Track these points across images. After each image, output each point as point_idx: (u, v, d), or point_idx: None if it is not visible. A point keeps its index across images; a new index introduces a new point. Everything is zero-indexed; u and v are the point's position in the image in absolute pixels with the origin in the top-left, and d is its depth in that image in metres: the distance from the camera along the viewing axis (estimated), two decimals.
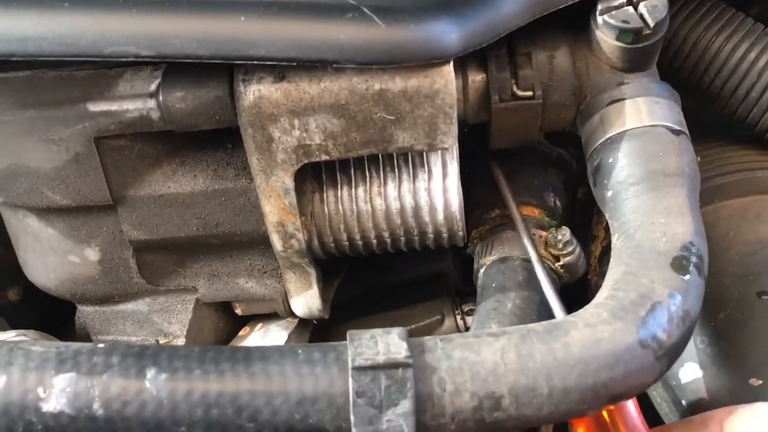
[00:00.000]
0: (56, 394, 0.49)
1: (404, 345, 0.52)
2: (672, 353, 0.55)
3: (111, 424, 0.50)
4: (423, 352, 0.53)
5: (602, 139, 0.66)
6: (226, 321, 0.81)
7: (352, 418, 0.50)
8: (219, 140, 0.71)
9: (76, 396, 0.50)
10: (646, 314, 0.54)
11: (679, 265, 0.57)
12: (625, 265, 0.58)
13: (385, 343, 0.53)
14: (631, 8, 0.66)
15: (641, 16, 0.65)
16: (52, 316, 0.89)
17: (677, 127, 0.65)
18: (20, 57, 0.59)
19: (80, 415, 0.49)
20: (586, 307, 0.57)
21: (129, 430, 0.50)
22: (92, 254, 0.75)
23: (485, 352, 0.53)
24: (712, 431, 0.58)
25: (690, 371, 0.69)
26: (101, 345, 0.53)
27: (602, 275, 0.83)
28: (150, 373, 0.51)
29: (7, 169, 0.70)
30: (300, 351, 0.53)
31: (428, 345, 0.53)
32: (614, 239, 0.62)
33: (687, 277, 0.57)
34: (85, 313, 0.80)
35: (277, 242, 0.71)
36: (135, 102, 0.66)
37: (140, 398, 0.50)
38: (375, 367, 0.51)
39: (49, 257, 0.76)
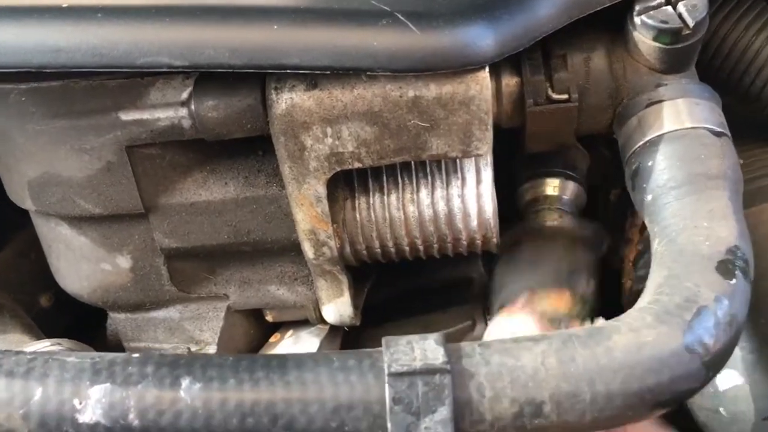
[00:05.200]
0: (92, 404, 0.49)
1: (441, 350, 0.51)
2: (719, 359, 0.53)
3: None
4: (461, 357, 0.52)
5: (641, 142, 0.65)
6: (257, 328, 0.81)
7: (389, 425, 0.49)
8: (250, 147, 0.70)
9: (111, 406, 0.49)
10: (692, 318, 0.53)
11: (725, 269, 0.56)
12: (668, 269, 0.57)
13: (422, 348, 0.52)
14: (669, 8, 0.64)
15: (680, 16, 0.64)
16: (84, 322, 0.89)
17: (719, 129, 0.64)
18: (53, 68, 0.59)
19: (116, 426, 0.49)
20: (629, 311, 0.55)
21: None
22: (124, 262, 0.75)
23: (525, 357, 0.52)
24: None
25: (729, 378, 0.67)
26: (135, 355, 0.52)
27: (637, 280, 0.82)
28: (184, 382, 0.50)
29: (39, 177, 0.70)
30: (335, 358, 0.53)
31: (466, 350, 0.52)
32: (655, 244, 0.61)
33: (733, 281, 0.55)
34: (117, 320, 0.80)
35: (308, 250, 0.70)
36: (167, 111, 0.66)
37: (175, 408, 0.50)
38: (412, 373, 0.50)
39: (82, 265, 0.76)
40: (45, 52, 0.59)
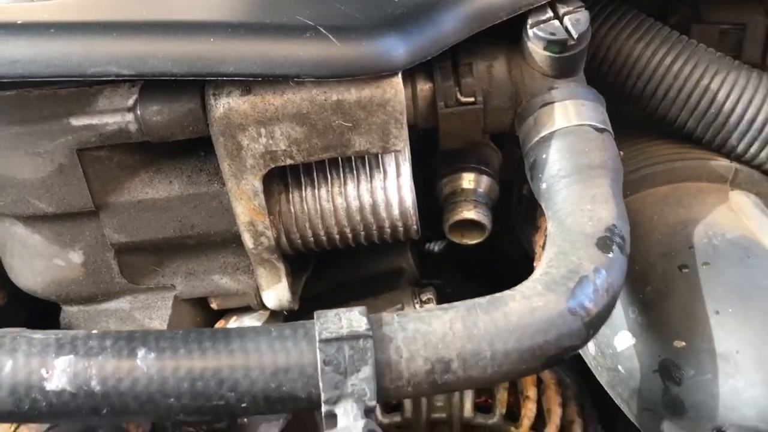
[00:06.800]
0: (58, 374, 0.56)
1: (365, 320, 0.60)
2: (598, 320, 0.63)
3: (108, 399, 0.56)
4: (381, 325, 0.60)
5: (536, 138, 0.75)
6: (203, 315, 0.88)
7: (320, 384, 0.57)
8: (192, 149, 0.77)
9: (75, 375, 0.56)
10: (574, 286, 0.62)
11: (604, 244, 0.65)
12: (558, 246, 0.66)
13: (348, 318, 0.60)
14: (557, 21, 0.74)
15: (566, 29, 0.74)
16: (37, 316, 0.94)
17: (601, 126, 0.74)
18: (10, 79, 0.66)
19: (80, 392, 0.56)
20: (524, 282, 0.65)
21: (124, 404, 0.57)
22: (76, 257, 0.81)
23: (435, 324, 0.60)
24: None
25: (624, 339, 0.77)
26: (95, 331, 0.59)
27: None
28: (140, 352, 0.57)
29: None
30: (273, 329, 0.60)
31: (386, 319, 0.61)
32: (549, 225, 0.70)
33: (610, 255, 0.65)
34: (70, 312, 0.86)
35: (248, 240, 0.78)
36: (114, 116, 0.72)
37: (133, 375, 0.57)
38: (339, 339, 0.58)
39: (36, 262, 0.82)
40: (3, 63, 0.65)
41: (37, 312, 0.94)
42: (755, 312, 0.70)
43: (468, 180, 0.90)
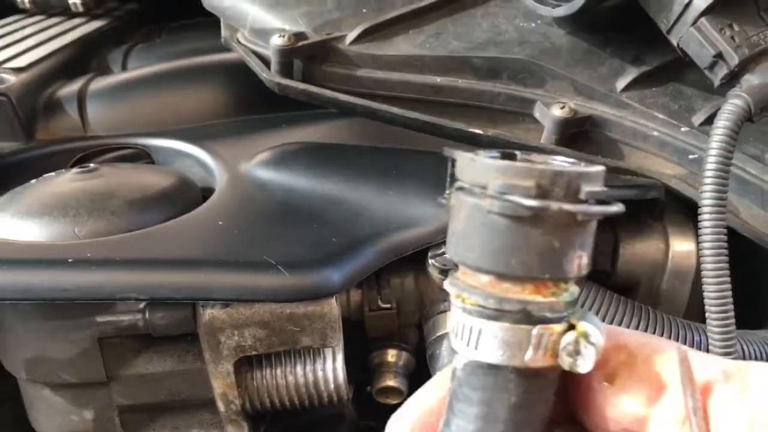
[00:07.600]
0: None
1: None
2: None
3: None
4: None
5: (433, 337, 1.04)
6: None
7: None
8: (182, 337, 1.05)
9: None
10: None
11: None
12: None
13: None
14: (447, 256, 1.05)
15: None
16: None
17: None
18: (60, 300, 0.93)
19: None
20: None
21: None
22: (88, 415, 1.07)
23: None
24: None
25: None
26: None
27: None
28: None
29: (35, 358, 1.02)
30: None
31: None
32: None
33: None
34: None
35: (221, 406, 1.04)
36: (128, 315, 1.00)
37: None
38: None
39: (56, 417, 1.07)
40: (57, 290, 0.93)
41: None
42: None
43: (391, 355, 1.18)
